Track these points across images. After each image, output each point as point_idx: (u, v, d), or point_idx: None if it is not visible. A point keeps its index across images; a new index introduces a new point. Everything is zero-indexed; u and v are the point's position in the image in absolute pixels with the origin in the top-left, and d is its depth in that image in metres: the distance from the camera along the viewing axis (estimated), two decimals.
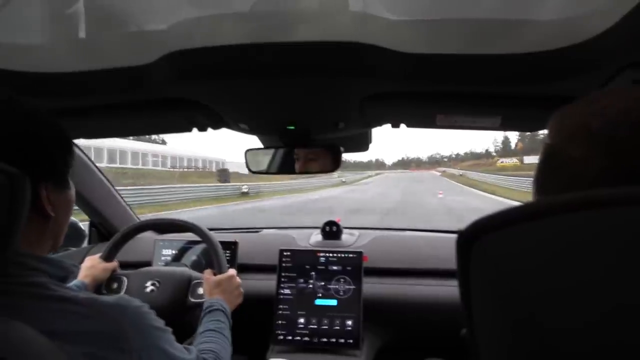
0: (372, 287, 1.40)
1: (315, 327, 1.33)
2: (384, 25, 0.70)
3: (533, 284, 0.28)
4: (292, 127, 1.06)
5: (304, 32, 0.73)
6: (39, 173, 0.62)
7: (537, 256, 0.29)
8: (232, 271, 1.21)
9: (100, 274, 1.24)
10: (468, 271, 0.33)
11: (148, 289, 1.21)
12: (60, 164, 0.67)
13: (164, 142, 55.76)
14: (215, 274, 1.20)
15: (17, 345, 0.52)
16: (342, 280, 1.37)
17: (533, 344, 0.28)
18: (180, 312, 1.21)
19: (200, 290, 1.23)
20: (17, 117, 0.62)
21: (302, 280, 1.40)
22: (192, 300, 1.22)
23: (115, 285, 1.25)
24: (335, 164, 1.14)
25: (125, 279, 1.26)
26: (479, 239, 0.32)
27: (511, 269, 0.30)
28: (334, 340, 1.31)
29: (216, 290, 1.14)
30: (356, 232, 1.73)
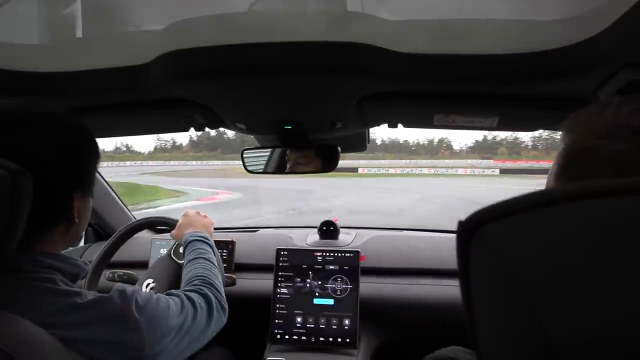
0: (369, 286, 1.40)
1: (313, 326, 1.34)
2: (382, 25, 0.70)
3: (533, 271, 0.29)
4: (289, 127, 1.05)
5: (302, 32, 0.72)
6: (76, 182, 0.68)
7: (540, 244, 0.29)
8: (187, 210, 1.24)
9: None
10: (468, 261, 0.33)
11: (148, 289, 1.20)
12: (92, 175, 0.72)
13: None
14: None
15: (22, 342, 0.53)
16: (339, 279, 1.37)
17: (532, 330, 0.28)
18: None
19: (181, 249, 1.21)
20: (69, 131, 0.68)
21: (299, 280, 1.40)
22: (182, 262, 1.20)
23: None
24: (330, 164, 1.14)
25: None
26: (479, 228, 0.32)
27: (512, 256, 0.30)
28: (331, 339, 1.31)
29: (183, 230, 1.14)
30: (353, 231, 1.73)
